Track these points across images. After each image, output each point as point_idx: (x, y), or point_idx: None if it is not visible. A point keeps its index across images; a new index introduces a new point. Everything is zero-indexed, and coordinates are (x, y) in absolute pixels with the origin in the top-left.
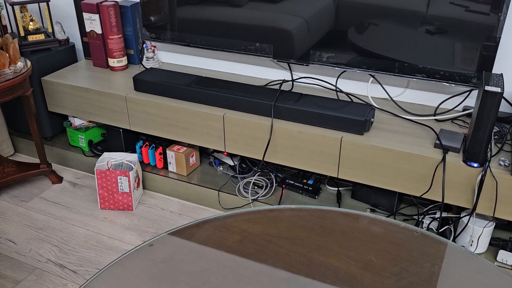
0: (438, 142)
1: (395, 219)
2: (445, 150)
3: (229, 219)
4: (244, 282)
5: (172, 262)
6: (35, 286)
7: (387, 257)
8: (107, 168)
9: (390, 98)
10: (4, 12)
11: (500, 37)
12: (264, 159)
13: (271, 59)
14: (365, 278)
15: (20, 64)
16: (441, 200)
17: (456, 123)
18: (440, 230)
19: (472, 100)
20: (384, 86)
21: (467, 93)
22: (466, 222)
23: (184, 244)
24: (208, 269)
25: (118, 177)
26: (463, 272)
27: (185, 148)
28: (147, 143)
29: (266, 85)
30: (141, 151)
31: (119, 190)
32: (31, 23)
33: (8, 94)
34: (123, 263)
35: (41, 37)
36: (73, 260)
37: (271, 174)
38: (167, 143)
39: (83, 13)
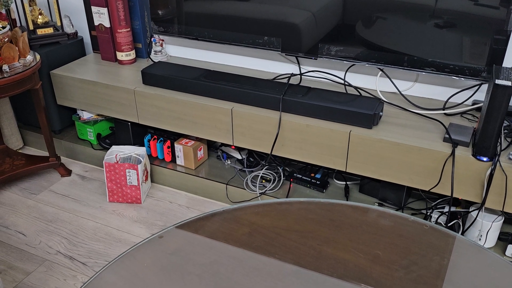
0: (447, 136)
1: (403, 213)
2: (455, 144)
3: (238, 211)
4: (253, 274)
5: (182, 254)
6: (45, 277)
7: (396, 250)
8: (116, 161)
9: (399, 92)
10: (13, 5)
11: (511, 31)
12: (272, 153)
13: (279, 52)
14: (374, 271)
15: (29, 57)
16: (449, 195)
17: (465, 117)
18: (448, 225)
19: (481, 94)
20: (393, 80)
21: (477, 87)
22: (475, 217)
23: (193, 236)
24: (218, 261)
25: (127, 170)
26: (472, 265)
27: (193, 142)
28: (155, 136)
29: (274, 78)
30: (149, 144)
31: (128, 183)
32: (40, 16)
33: (18, 87)
34: (133, 254)
35: (49, 30)
36: (82, 252)
37: (279, 168)
38: (175, 136)
39: (92, 6)
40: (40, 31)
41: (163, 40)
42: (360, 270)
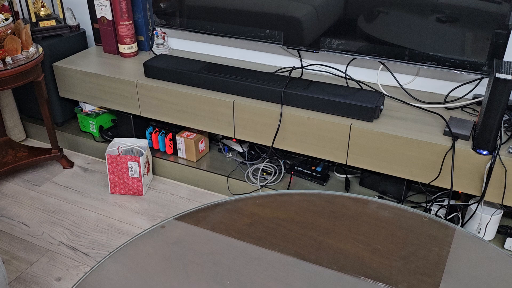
0: (447, 129)
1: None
2: (455, 137)
3: (240, 202)
4: (254, 263)
5: (184, 244)
6: (48, 267)
7: (395, 241)
8: (118, 154)
9: (400, 86)
10: None
11: None
12: (273, 146)
13: (281, 46)
14: (374, 261)
15: (32, 49)
16: (449, 188)
17: (465, 111)
18: (448, 218)
19: (482, 88)
20: (394, 73)
21: (478, 81)
22: (474, 210)
23: (195, 227)
24: (219, 251)
25: (129, 162)
26: (471, 257)
27: (194, 134)
28: (157, 129)
29: (275, 72)
30: (151, 137)
31: (130, 175)
32: (42, 9)
33: (20, 79)
34: (136, 243)
35: (52, 23)
36: (84, 243)
37: (279, 160)
38: (177, 129)
39: None
40: (42, 24)
41: (165, 33)
42: (360, 260)
